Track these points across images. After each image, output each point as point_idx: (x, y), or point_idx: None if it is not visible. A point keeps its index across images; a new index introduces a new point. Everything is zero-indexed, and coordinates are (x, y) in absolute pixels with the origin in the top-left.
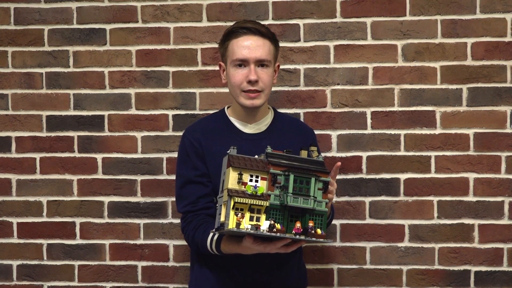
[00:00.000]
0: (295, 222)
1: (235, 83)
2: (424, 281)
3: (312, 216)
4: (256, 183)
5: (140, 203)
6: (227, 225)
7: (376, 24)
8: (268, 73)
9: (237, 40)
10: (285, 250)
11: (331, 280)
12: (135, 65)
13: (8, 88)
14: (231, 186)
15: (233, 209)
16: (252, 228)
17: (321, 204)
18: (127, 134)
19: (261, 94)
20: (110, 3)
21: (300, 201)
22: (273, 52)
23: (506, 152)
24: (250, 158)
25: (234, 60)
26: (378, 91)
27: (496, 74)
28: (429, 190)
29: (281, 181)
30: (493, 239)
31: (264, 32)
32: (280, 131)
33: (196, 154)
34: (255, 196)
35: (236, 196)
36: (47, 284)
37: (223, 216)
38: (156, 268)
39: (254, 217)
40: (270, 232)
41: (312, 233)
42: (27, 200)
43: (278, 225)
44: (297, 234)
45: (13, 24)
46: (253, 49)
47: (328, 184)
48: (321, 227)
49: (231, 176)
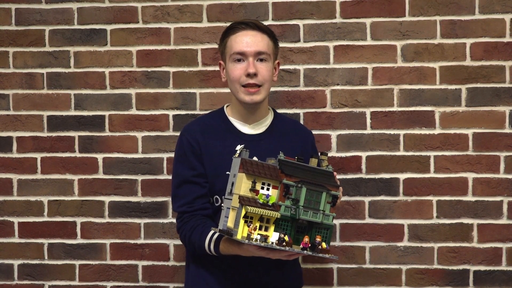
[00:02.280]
0: (302, 235)
1: (234, 77)
2: (423, 280)
3: (319, 229)
4: (267, 191)
5: (140, 203)
6: (235, 233)
7: (375, 24)
8: (267, 68)
9: (235, 36)
10: (288, 258)
11: (330, 280)
12: (135, 66)
13: (9, 88)
14: (243, 193)
15: (243, 218)
16: (261, 239)
17: (329, 218)
18: (128, 134)
19: (261, 89)
20: (111, 4)
21: (310, 215)
22: (272, 47)
23: (505, 152)
24: (263, 164)
25: (233, 54)
26: (377, 91)
27: (495, 74)
28: (428, 190)
29: (293, 193)
30: (492, 239)
31: (262, 27)
32: (279, 132)
33: (193, 153)
34: (266, 206)
35: (248, 205)
36: (48, 283)
37: (231, 222)
38: (157, 267)
39: (263, 226)
40: (280, 245)
41: (319, 249)
42: (28, 200)
43: (287, 237)
44: (304, 249)
45: (14, 24)
46: (251, 42)
47: (337, 198)
48: (325, 240)
49: (244, 183)
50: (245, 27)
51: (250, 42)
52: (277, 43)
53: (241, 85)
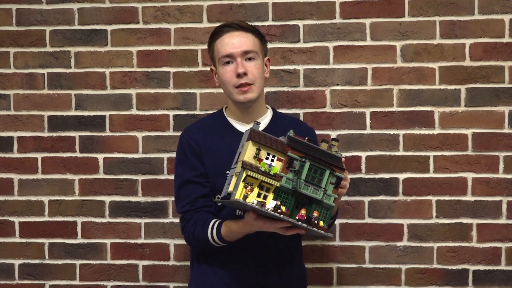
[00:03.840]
0: (301, 209)
1: (226, 80)
2: (423, 280)
3: (319, 207)
4: (271, 162)
5: (141, 203)
6: (234, 195)
7: (375, 25)
8: (257, 66)
9: (221, 39)
10: (284, 232)
11: (330, 279)
12: (136, 66)
13: (10, 89)
14: (247, 159)
15: (243, 181)
16: (258, 204)
17: (330, 198)
18: (128, 134)
19: (253, 87)
20: (111, 4)
21: (310, 190)
22: (259, 44)
23: (504, 152)
24: (271, 137)
25: (221, 58)
26: (377, 92)
27: (494, 74)
28: (428, 190)
29: (296, 166)
30: (491, 239)
31: (245, 26)
32: (279, 131)
33: (194, 154)
34: (267, 174)
35: (249, 169)
36: (49, 283)
37: (232, 187)
38: (157, 267)
39: (262, 194)
40: (275, 211)
41: (314, 223)
42: (29, 200)
43: (283, 207)
44: (300, 220)
45: (15, 25)
46: (237, 43)
47: (341, 180)
48: (324, 220)
49: (249, 149)
50: (228, 29)
51: (236, 43)
52: (263, 40)
53: (234, 86)
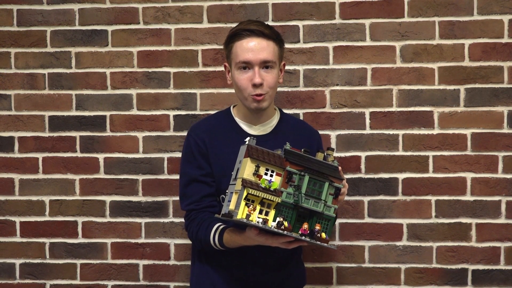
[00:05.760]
0: (303, 223)
1: (241, 86)
2: (422, 279)
3: (320, 219)
4: (271, 178)
5: (141, 203)
6: (236, 214)
7: (374, 25)
8: (273, 75)
9: (240, 43)
10: (286, 246)
11: (330, 279)
12: (136, 66)
13: (11, 89)
14: (246, 176)
15: (244, 200)
16: (261, 222)
17: (330, 209)
18: (129, 134)
19: (266, 96)
20: (112, 5)
21: (311, 203)
22: (278, 52)
23: (503, 152)
24: (269, 152)
25: (238, 63)
26: (376, 92)
27: (493, 75)
28: (427, 190)
29: (296, 180)
30: (490, 238)
31: (267, 33)
32: (286, 133)
33: (200, 153)
34: (268, 191)
35: (250, 187)
36: (50, 282)
37: (233, 205)
38: (157, 266)
39: (264, 210)
40: (278, 228)
41: (317, 236)
42: (29, 200)
43: (286, 222)
44: (303, 235)
45: (16, 25)
46: (257, 51)
47: (340, 190)
48: (326, 231)
49: (248, 166)
50: (250, 34)
51: (256, 51)
52: (282, 45)
53: (249, 94)
